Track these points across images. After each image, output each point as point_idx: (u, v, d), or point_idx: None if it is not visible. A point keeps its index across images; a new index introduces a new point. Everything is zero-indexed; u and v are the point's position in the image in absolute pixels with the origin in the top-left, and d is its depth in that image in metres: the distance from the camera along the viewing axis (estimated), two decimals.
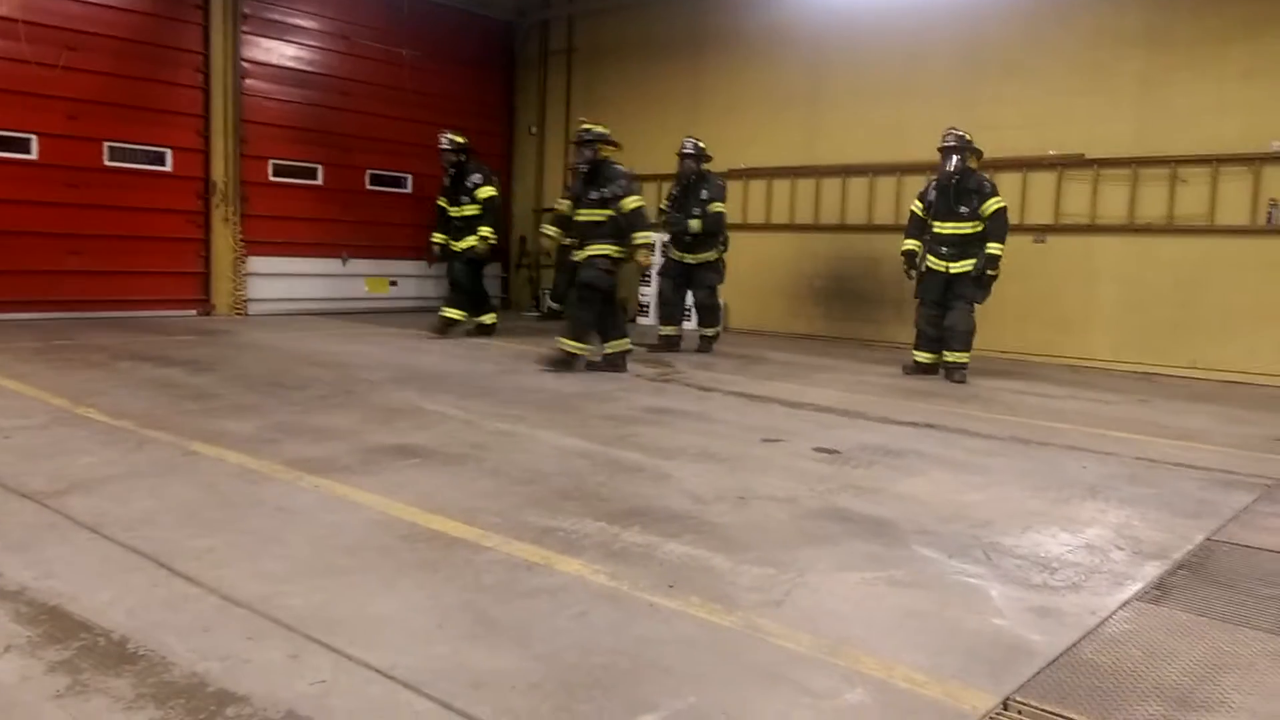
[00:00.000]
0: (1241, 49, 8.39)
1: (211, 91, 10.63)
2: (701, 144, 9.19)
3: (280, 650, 2.32)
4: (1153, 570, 3.20)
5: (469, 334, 9.67)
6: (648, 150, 12.13)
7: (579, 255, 7.63)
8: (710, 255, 9.21)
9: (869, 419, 5.86)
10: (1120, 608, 2.84)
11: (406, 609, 2.62)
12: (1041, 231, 9.49)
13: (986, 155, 9.48)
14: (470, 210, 9.49)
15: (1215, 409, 6.88)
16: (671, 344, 9.15)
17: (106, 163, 10.01)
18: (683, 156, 9.19)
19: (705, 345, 9.24)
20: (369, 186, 12.33)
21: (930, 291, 7.96)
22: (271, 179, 11.28)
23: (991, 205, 7.65)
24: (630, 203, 7.38)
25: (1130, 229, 8.99)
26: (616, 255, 7.51)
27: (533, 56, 13.83)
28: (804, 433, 5.36)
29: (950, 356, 7.84)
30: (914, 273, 8.09)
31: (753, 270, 11.52)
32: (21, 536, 3.09)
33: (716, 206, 9.06)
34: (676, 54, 12.14)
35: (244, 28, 10.89)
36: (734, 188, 11.69)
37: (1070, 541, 3.49)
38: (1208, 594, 3.00)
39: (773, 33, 11.33)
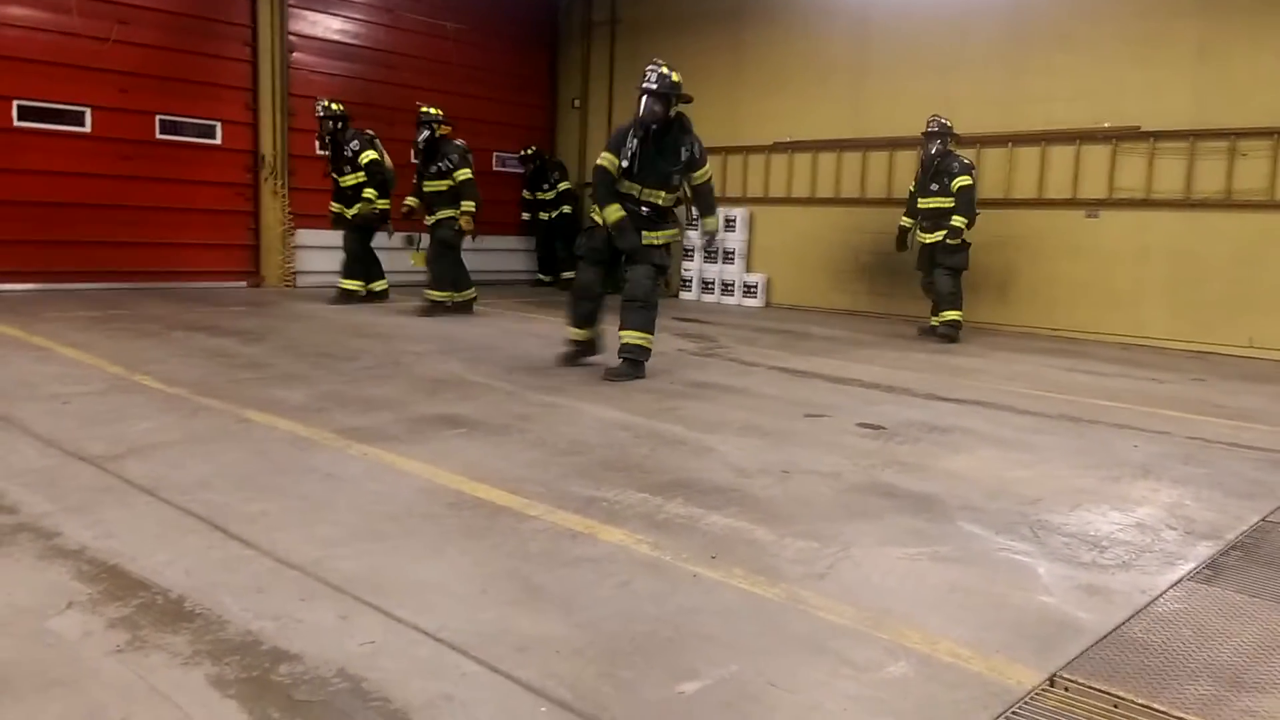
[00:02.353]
0: None
1: (259, 65, 10.73)
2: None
3: (331, 611, 2.37)
4: (1205, 550, 3.15)
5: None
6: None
7: (429, 219, 8.93)
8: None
9: (915, 395, 5.80)
10: (1171, 587, 2.80)
11: (453, 574, 2.66)
12: (1094, 206, 9.28)
13: (1038, 127, 9.39)
14: (353, 179, 9.38)
15: (1272, 389, 6.71)
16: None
17: (158, 135, 10.17)
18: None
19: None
20: (413, 160, 12.38)
21: (921, 262, 8.93)
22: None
23: (958, 182, 8.44)
24: (461, 174, 8.70)
25: (1187, 204, 8.76)
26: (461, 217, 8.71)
27: (575, 29, 13.77)
28: (848, 408, 5.32)
29: (938, 317, 8.69)
30: (903, 248, 9.07)
31: (797, 244, 11.45)
32: (81, 499, 3.18)
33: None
34: (719, 26, 12.01)
35: (290, 1, 10.96)
36: (778, 161, 11.62)
37: (1120, 520, 3.44)
38: (1261, 575, 2.94)
39: (815, 3, 11.16)
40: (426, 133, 8.86)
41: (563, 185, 12.83)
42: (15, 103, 9.20)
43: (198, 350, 6.33)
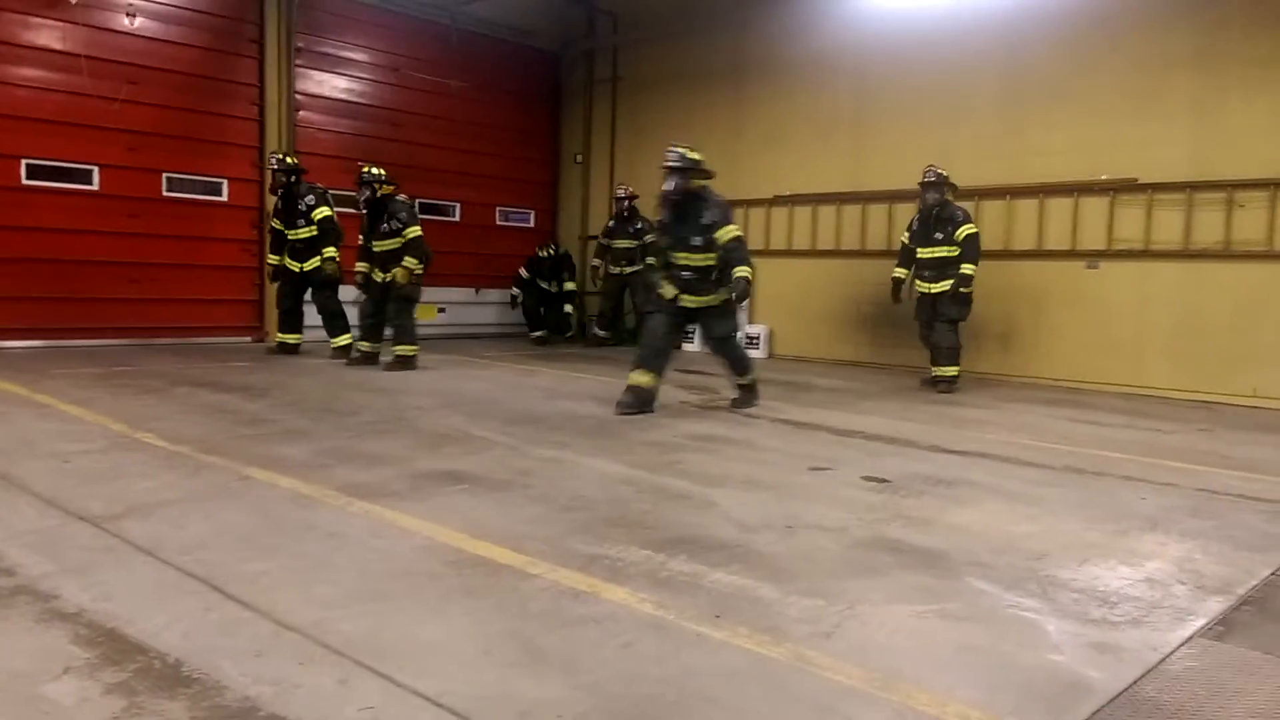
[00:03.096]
0: None
1: (266, 123, 10.91)
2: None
3: (330, 676, 2.34)
4: (1216, 605, 3.10)
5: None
6: None
7: (381, 277, 8.87)
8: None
9: (919, 447, 5.78)
10: (1183, 644, 2.75)
11: (454, 635, 2.62)
12: (1094, 257, 9.33)
13: (1036, 180, 9.47)
14: (306, 232, 9.35)
15: (1279, 439, 6.68)
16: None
17: (165, 193, 10.30)
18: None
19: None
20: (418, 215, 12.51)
21: (920, 312, 8.90)
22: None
23: (964, 231, 8.46)
24: (411, 231, 8.72)
25: (1186, 254, 8.80)
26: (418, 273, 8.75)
27: (578, 86, 14.00)
28: (852, 461, 5.30)
29: (936, 371, 8.67)
30: (898, 299, 9.06)
31: (798, 296, 11.49)
32: (80, 559, 3.16)
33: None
34: (719, 82, 12.21)
35: (297, 61, 11.18)
36: (778, 214, 11.72)
37: (1130, 575, 3.40)
38: (1275, 630, 2.90)
39: (815, 59, 11.35)
40: (368, 193, 8.77)
41: (569, 285, 13.00)
42: (24, 161, 9.34)
43: (201, 407, 6.33)
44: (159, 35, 10.13)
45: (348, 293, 9.64)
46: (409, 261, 8.74)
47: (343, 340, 9.50)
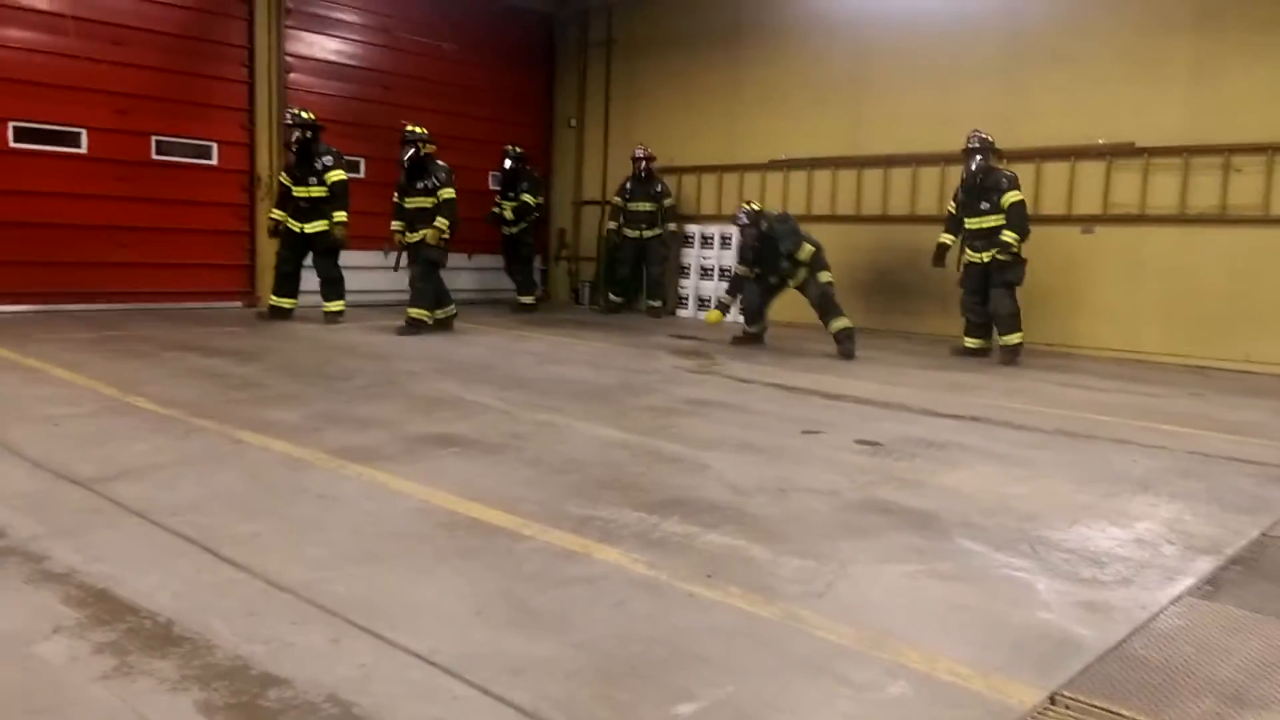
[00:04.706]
0: None
1: (256, 86, 10.75)
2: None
3: (322, 635, 2.34)
4: (1205, 565, 3.12)
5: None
6: (686, 141, 12.13)
7: (411, 237, 9.05)
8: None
9: (911, 411, 5.79)
10: (1172, 603, 2.77)
11: (446, 596, 2.63)
12: (1090, 222, 9.30)
13: (1033, 144, 9.40)
14: (317, 191, 9.18)
15: (1271, 403, 6.70)
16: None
17: (154, 156, 10.17)
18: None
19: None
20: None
21: (970, 280, 8.58)
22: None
23: (1009, 198, 8.18)
24: (445, 193, 8.91)
25: (1181, 219, 8.78)
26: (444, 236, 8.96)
27: (572, 49, 13.83)
28: (844, 424, 5.30)
29: (1002, 340, 8.40)
30: (940, 264, 8.83)
31: None
32: (71, 521, 3.15)
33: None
34: (716, 44, 12.07)
35: (287, 22, 10.99)
36: (774, 179, 11.65)
37: (1119, 535, 3.42)
38: (1262, 589, 2.92)
39: (812, 21, 11.22)
40: (411, 150, 8.92)
41: (526, 197, 11.67)
42: (11, 124, 9.20)
43: (192, 371, 6.30)
44: None
45: (366, 258, 9.53)
46: (440, 222, 8.81)
47: (336, 306, 9.47)
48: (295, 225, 9.33)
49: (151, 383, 5.74)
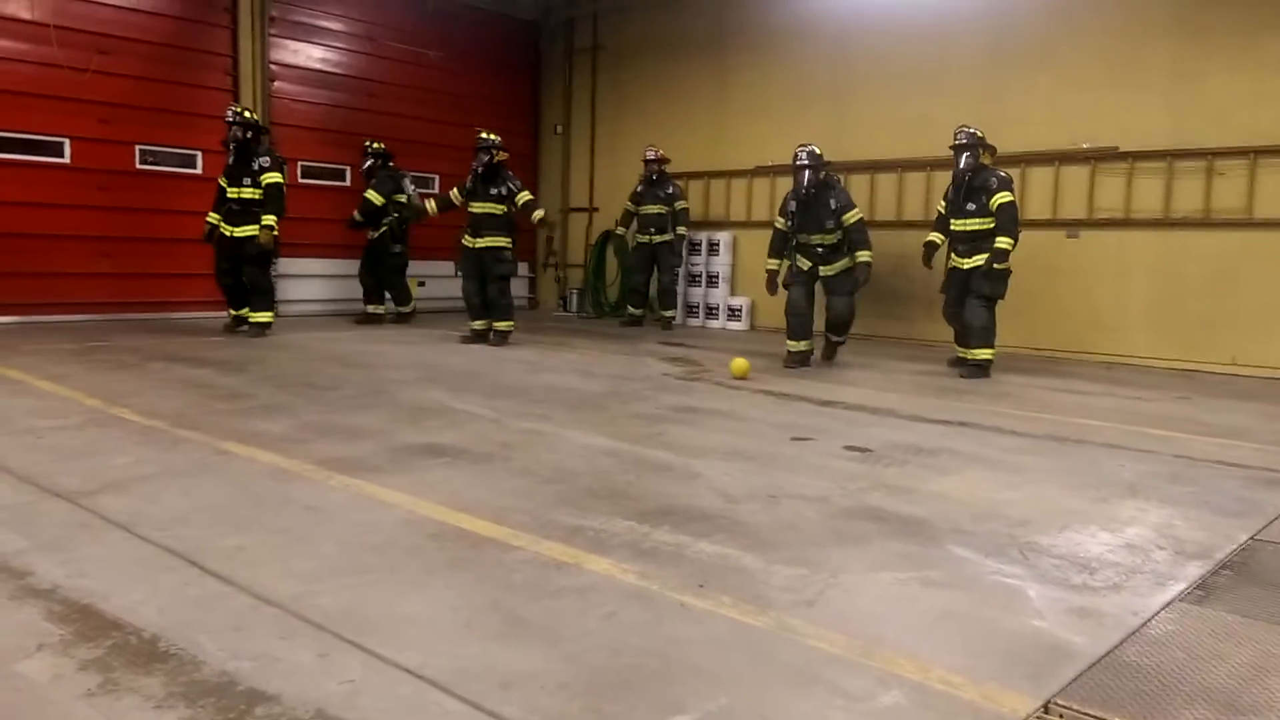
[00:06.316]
0: (1276, 39, 8.21)
1: (240, 94, 10.69)
2: None
3: (310, 649, 2.31)
4: (1195, 570, 3.12)
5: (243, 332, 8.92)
6: (672, 147, 12.11)
7: (477, 242, 8.97)
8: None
9: (900, 417, 5.79)
10: (1163, 609, 2.77)
11: (435, 608, 2.60)
12: (1074, 226, 9.35)
13: (1017, 149, 9.43)
14: (249, 193, 8.74)
15: (1257, 406, 6.74)
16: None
17: (138, 165, 10.11)
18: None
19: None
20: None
21: (951, 288, 8.05)
22: (300, 180, 11.34)
23: (999, 199, 7.58)
24: (522, 197, 8.97)
25: (1165, 223, 8.83)
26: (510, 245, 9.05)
27: (558, 55, 13.83)
28: (834, 431, 5.30)
29: (964, 353, 7.88)
30: (929, 264, 8.32)
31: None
32: (55, 535, 3.11)
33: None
34: (701, 51, 12.09)
35: (271, 31, 10.96)
36: (760, 184, 11.66)
37: (1110, 541, 3.42)
38: (1253, 594, 2.92)
39: (797, 28, 11.26)
40: (486, 157, 8.89)
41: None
42: None
43: (177, 382, 6.25)
44: (129, 4, 9.89)
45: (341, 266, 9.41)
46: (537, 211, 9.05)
47: (263, 317, 8.99)
48: (227, 229, 8.89)
49: (136, 394, 5.69)
